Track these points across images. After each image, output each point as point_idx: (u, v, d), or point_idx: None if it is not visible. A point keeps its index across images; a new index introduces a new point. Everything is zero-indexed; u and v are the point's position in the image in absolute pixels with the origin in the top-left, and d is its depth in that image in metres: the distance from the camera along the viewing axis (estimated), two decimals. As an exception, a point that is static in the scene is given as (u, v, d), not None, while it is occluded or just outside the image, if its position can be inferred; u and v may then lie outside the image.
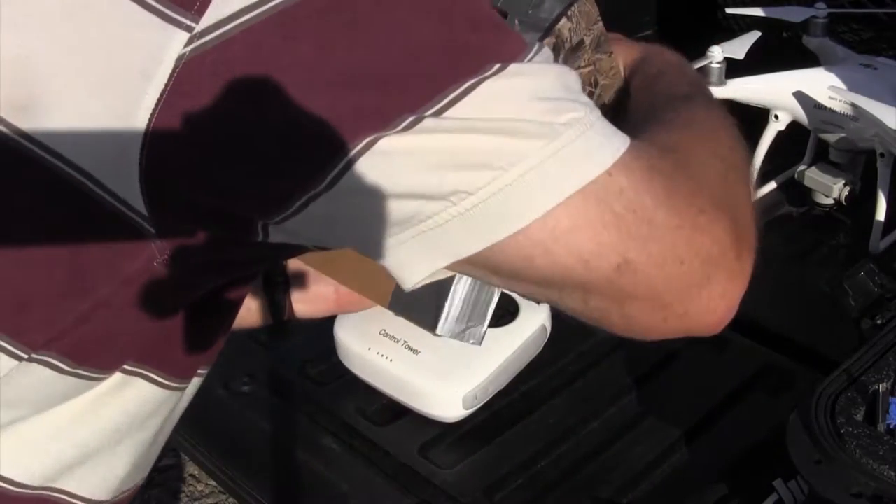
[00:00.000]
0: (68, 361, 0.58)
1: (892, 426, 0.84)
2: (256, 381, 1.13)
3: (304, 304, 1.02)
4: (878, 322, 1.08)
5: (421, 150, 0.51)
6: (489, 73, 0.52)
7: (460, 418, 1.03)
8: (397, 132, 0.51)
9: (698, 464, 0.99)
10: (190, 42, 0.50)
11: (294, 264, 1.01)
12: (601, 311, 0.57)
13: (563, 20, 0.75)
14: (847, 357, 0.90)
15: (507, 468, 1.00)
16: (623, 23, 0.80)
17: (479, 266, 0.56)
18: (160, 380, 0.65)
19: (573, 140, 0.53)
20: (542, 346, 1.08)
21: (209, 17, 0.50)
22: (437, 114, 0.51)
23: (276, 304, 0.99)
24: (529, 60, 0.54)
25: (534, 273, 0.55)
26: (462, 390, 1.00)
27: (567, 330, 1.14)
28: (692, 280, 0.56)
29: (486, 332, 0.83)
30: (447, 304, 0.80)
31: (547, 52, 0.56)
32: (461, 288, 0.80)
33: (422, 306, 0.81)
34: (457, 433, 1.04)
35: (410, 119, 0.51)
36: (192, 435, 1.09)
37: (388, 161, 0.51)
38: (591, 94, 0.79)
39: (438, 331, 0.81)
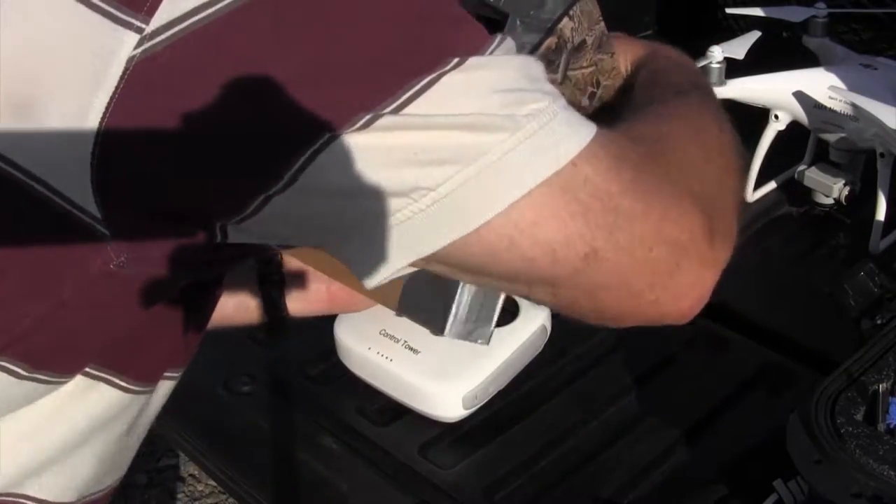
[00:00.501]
0: (24, 366, 0.58)
1: (892, 426, 0.84)
2: (256, 381, 1.13)
3: (299, 302, 1.01)
4: (878, 322, 1.07)
5: (379, 147, 0.51)
6: (448, 67, 0.52)
7: (460, 418, 1.03)
8: (355, 130, 0.51)
9: (698, 464, 0.99)
10: (140, 43, 0.50)
11: (292, 263, 1.00)
12: (571, 301, 0.57)
13: (566, 20, 0.75)
14: (847, 357, 0.90)
15: (507, 468, 1.00)
16: (623, 23, 0.80)
17: (445, 263, 0.55)
18: (124, 384, 0.64)
19: (536, 131, 0.52)
20: (542, 346, 1.08)
21: (160, 18, 0.50)
22: (396, 111, 0.51)
23: (271, 301, 0.99)
24: (491, 52, 0.54)
25: (501, 268, 0.55)
26: (462, 390, 1.00)
27: (567, 330, 1.14)
28: (661, 267, 0.56)
29: (493, 331, 0.82)
30: (455, 306, 0.79)
31: (510, 42, 0.56)
32: (469, 289, 0.79)
33: (429, 308, 0.80)
34: (457, 433, 1.04)
35: (368, 117, 0.51)
36: (192, 435, 1.09)
37: (345, 159, 0.51)
38: (592, 95, 0.79)
39: (446, 333, 0.80)
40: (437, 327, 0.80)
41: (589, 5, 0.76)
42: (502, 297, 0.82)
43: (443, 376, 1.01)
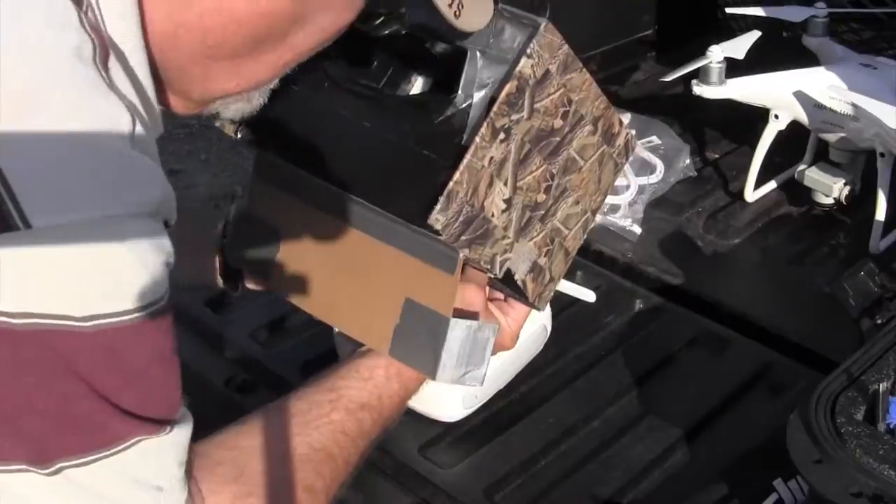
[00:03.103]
0: None
1: (892, 426, 0.84)
2: (256, 381, 1.12)
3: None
4: (878, 322, 1.08)
5: None
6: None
7: (460, 418, 1.03)
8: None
9: (698, 464, 1.00)
10: None
11: None
12: None
13: (524, 60, 0.74)
14: (847, 357, 0.90)
15: (507, 468, 1.00)
16: (623, 23, 0.80)
17: None
18: None
19: None
20: (542, 346, 1.08)
21: None
22: None
23: (227, 268, 0.97)
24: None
25: None
26: (462, 390, 1.00)
27: (567, 330, 1.14)
28: None
29: (486, 372, 0.83)
30: (444, 353, 0.80)
31: None
32: (456, 335, 0.80)
33: (420, 353, 0.81)
34: (457, 433, 1.04)
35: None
36: (192, 435, 1.09)
37: None
38: (565, 114, 0.79)
39: (438, 379, 0.81)
40: (429, 372, 0.81)
41: (548, 36, 0.74)
42: (492, 340, 0.83)
43: (443, 376, 1.01)
